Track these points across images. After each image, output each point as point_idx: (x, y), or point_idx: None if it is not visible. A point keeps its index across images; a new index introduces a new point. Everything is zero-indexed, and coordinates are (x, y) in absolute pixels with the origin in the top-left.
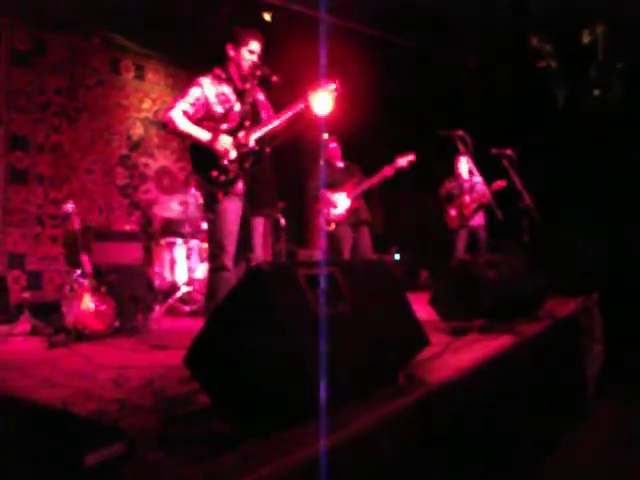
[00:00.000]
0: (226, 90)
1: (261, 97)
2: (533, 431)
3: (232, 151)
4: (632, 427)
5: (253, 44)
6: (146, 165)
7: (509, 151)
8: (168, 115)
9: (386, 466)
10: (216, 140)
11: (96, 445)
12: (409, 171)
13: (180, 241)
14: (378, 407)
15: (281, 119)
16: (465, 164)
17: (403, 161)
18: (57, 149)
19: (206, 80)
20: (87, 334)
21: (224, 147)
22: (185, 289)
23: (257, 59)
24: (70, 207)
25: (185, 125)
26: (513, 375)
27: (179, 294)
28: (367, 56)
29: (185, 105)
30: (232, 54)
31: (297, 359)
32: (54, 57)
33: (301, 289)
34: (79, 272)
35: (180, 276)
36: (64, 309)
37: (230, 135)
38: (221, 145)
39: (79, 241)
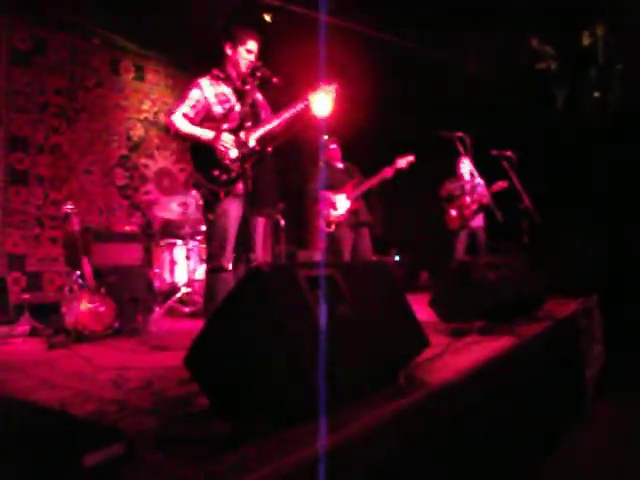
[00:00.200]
0: (225, 90)
1: (260, 98)
2: (533, 431)
3: (233, 150)
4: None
5: (250, 43)
6: (146, 166)
7: (509, 152)
8: (170, 119)
9: (386, 466)
10: (218, 139)
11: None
12: (409, 172)
13: (180, 242)
14: (378, 408)
15: (281, 119)
16: (467, 165)
17: (402, 162)
18: (56, 150)
19: (205, 81)
20: (87, 335)
21: (226, 145)
22: (185, 290)
23: (255, 58)
24: (70, 208)
25: (187, 127)
26: (513, 376)
27: (179, 295)
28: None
29: (186, 108)
30: (230, 53)
31: (297, 360)
32: (54, 57)
33: (301, 290)
34: (79, 273)
35: (180, 277)
36: (64, 310)
37: (231, 135)
38: (223, 143)
39: (79, 242)
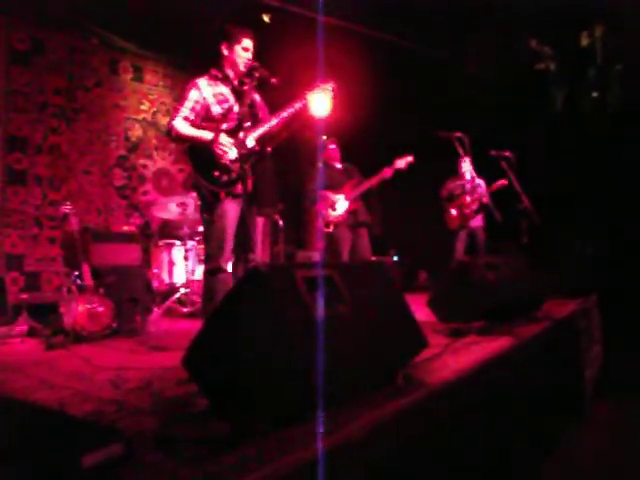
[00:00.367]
0: (224, 90)
1: (257, 98)
2: (532, 431)
3: (232, 149)
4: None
5: (246, 41)
6: (144, 166)
7: (507, 153)
8: (171, 124)
9: (385, 467)
10: (216, 141)
11: (94, 446)
12: (408, 172)
13: (178, 242)
14: (377, 408)
15: (279, 119)
16: (468, 165)
17: (402, 163)
18: (55, 150)
19: (202, 81)
20: (85, 335)
21: (224, 148)
22: (183, 290)
23: (252, 56)
24: (68, 208)
25: (186, 130)
26: (512, 376)
27: (177, 295)
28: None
29: (186, 111)
30: (226, 53)
31: (295, 360)
32: (53, 57)
33: (299, 291)
34: (77, 273)
35: (178, 277)
36: (62, 310)
37: (230, 135)
38: (221, 147)
39: (77, 243)
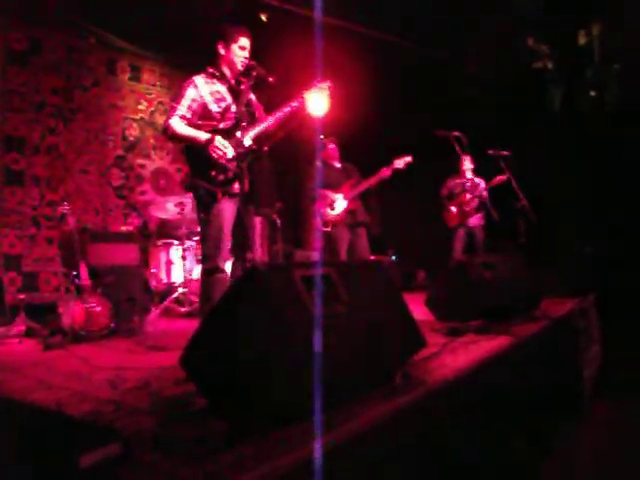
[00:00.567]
0: (220, 89)
1: (253, 98)
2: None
3: (229, 150)
4: (630, 427)
5: (242, 40)
6: (142, 166)
7: (505, 152)
8: (168, 123)
9: (383, 466)
10: (211, 143)
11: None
12: (407, 172)
13: (176, 242)
14: (374, 407)
15: (276, 117)
16: (469, 163)
17: (400, 162)
18: (53, 150)
19: (200, 79)
20: (83, 335)
21: (218, 152)
22: (181, 290)
23: (248, 54)
24: (66, 208)
25: (183, 129)
26: (510, 375)
27: (175, 295)
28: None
29: (183, 110)
30: (223, 52)
31: (293, 359)
32: (50, 57)
33: (297, 290)
34: (75, 273)
35: (176, 277)
36: (60, 310)
37: (227, 134)
38: (216, 150)
39: (75, 242)
